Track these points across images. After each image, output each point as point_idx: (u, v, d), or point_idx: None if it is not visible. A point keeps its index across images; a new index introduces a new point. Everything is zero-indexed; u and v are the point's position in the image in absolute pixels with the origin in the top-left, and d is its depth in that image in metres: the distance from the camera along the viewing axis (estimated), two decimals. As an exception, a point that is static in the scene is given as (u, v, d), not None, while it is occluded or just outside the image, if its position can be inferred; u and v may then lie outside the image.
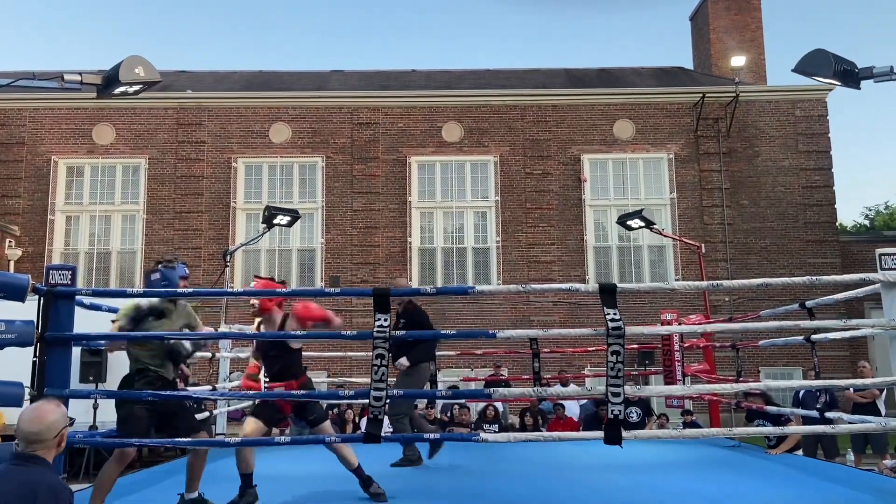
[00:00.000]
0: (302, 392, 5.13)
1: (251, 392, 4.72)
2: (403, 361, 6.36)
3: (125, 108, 17.92)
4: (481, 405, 11.24)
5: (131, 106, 17.82)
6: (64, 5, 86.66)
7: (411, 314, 6.49)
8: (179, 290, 4.73)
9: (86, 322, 4.84)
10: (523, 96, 18.42)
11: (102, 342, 5.49)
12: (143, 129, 18.05)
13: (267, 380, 5.10)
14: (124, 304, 4.69)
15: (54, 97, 17.60)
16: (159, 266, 4.78)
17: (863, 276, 4.88)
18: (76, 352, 8.74)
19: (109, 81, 4.85)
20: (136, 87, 4.88)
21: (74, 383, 8.30)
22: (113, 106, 17.74)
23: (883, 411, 8.74)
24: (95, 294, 4.82)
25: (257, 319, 5.08)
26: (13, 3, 77.32)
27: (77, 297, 4.57)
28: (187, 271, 4.96)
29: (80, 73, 4.97)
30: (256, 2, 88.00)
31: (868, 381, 5.20)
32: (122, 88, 4.85)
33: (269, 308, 4.90)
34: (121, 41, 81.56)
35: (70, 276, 4.42)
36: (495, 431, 9.96)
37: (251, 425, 4.81)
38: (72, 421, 2.73)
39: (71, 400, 4.48)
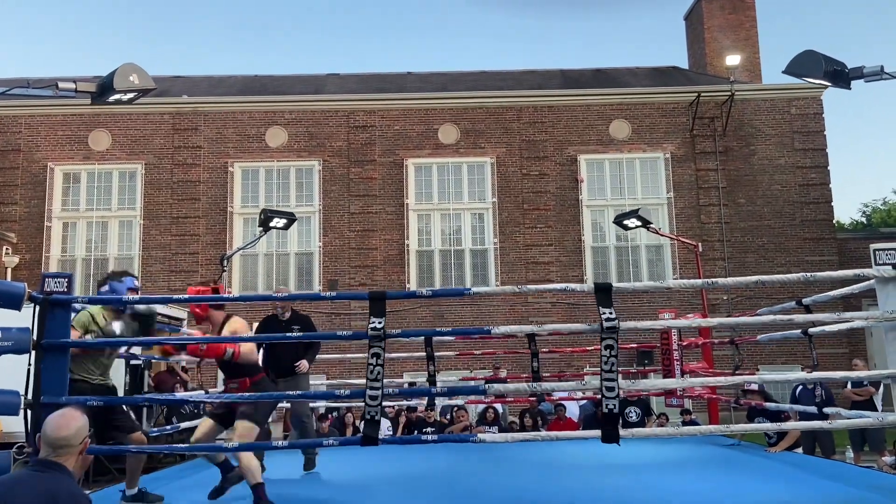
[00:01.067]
0: (299, 392, 5.12)
1: (245, 395, 4.72)
2: (304, 364, 6.39)
3: (121, 114, 17.90)
4: (481, 407, 11.25)
5: (127, 112, 17.80)
6: (58, 13, 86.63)
7: (302, 318, 6.58)
8: (177, 296, 4.75)
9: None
10: (519, 97, 18.44)
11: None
12: (140, 134, 18.05)
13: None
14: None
15: (50, 104, 17.59)
16: (108, 280, 5.05)
17: (857, 271, 4.89)
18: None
19: (104, 89, 4.85)
20: (131, 95, 4.89)
21: (73, 390, 8.28)
22: (109, 112, 17.73)
23: (880, 408, 8.75)
24: (91, 302, 4.81)
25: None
26: (6, 11, 77.26)
27: (73, 305, 4.56)
28: (137, 283, 5.12)
29: (74, 81, 4.97)
30: (251, 7, 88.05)
31: (863, 373, 5.22)
32: (116, 96, 4.85)
33: (200, 314, 4.99)
34: (115, 47, 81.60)
35: (66, 284, 4.42)
36: (494, 433, 9.95)
37: (203, 426, 4.96)
38: (91, 430, 2.75)
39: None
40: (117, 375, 9.57)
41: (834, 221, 18.53)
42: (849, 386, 9.07)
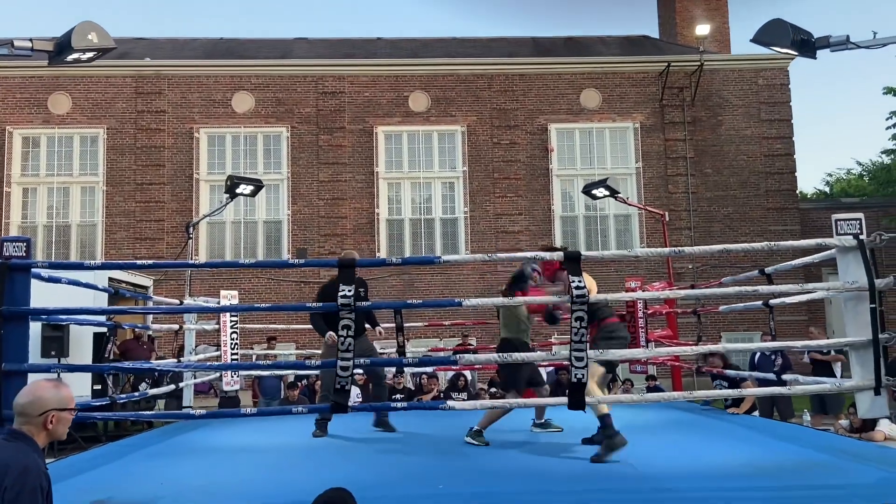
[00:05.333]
0: (269, 364, 5.10)
1: (215, 363, 4.69)
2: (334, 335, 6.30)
3: (81, 77, 17.39)
4: (451, 375, 11.35)
5: (88, 74, 17.30)
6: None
7: (362, 282, 6.47)
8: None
9: (45, 296, 4.74)
10: (490, 65, 18.31)
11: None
12: (101, 98, 17.57)
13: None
14: None
15: (6, 65, 17.01)
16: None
17: (819, 241, 4.99)
18: (36, 326, 8.57)
19: (61, 48, 4.69)
20: (90, 54, 4.73)
21: (35, 358, 8.15)
22: (68, 74, 17.21)
23: (838, 374, 9.02)
24: (52, 266, 4.71)
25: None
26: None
27: (34, 270, 4.46)
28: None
29: (30, 40, 4.80)
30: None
31: (822, 342, 5.36)
32: (74, 55, 4.69)
33: (548, 275, 5.47)
34: (72, 7, 78.83)
35: (25, 248, 4.31)
36: (464, 400, 10.06)
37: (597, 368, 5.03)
38: (74, 408, 2.66)
39: (33, 375, 4.42)
40: (82, 346, 9.44)
41: (797, 192, 18.89)
42: (806, 353, 9.35)
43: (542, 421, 6.09)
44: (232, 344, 8.63)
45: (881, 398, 4.52)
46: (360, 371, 6.47)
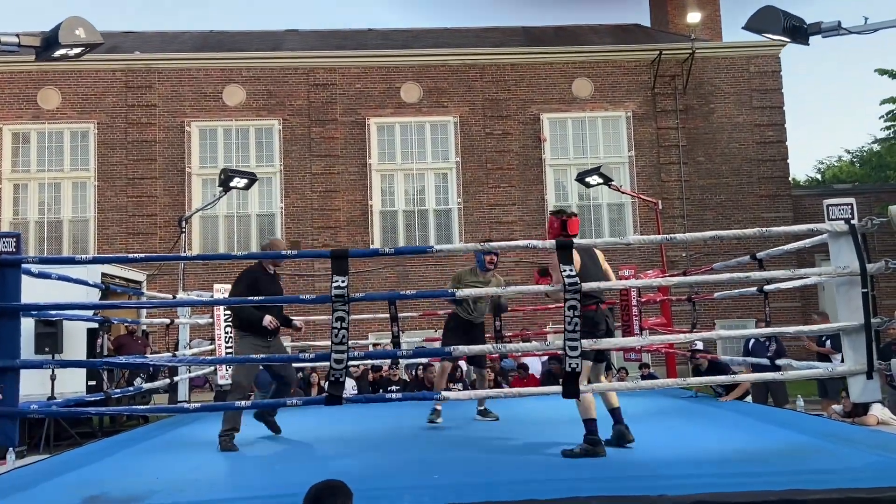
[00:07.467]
0: (263, 357, 5.09)
1: (210, 358, 4.68)
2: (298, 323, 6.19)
3: (70, 72, 17.26)
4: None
5: (77, 69, 17.17)
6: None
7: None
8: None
9: (38, 293, 4.71)
10: (482, 55, 18.25)
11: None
12: (91, 92, 17.45)
13: None
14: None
15: (-6, 60, 16.87)
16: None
17: (811, 226, 5.00)
18: (30, 323, 8.54)
19: (49, 44, 4.64)
20: (78, 50, 4.68)
21: (29, 355, 8.13)
22: (58, 69, 17.08)
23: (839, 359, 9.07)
24: (43, 262, 4.68)
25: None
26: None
27: (24, 266, 4.43)
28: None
29: (17, 35, 4.75)
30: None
31: (815, 327, 5.39)
32: (62, 51, 4.64)
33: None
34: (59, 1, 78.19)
35: (14, 244, 4.28)
36: (459, 390, 10.06)
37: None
38: None
39: (27, 371, 4.41)
40: (76, 342, 9.42)
41: (790, 179, 18.93)
42: (807, 338, 9.38)
43: (483, 408, 6.55)
44: (226, 338, 8.61)
45: (873, 382, 4.54)
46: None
